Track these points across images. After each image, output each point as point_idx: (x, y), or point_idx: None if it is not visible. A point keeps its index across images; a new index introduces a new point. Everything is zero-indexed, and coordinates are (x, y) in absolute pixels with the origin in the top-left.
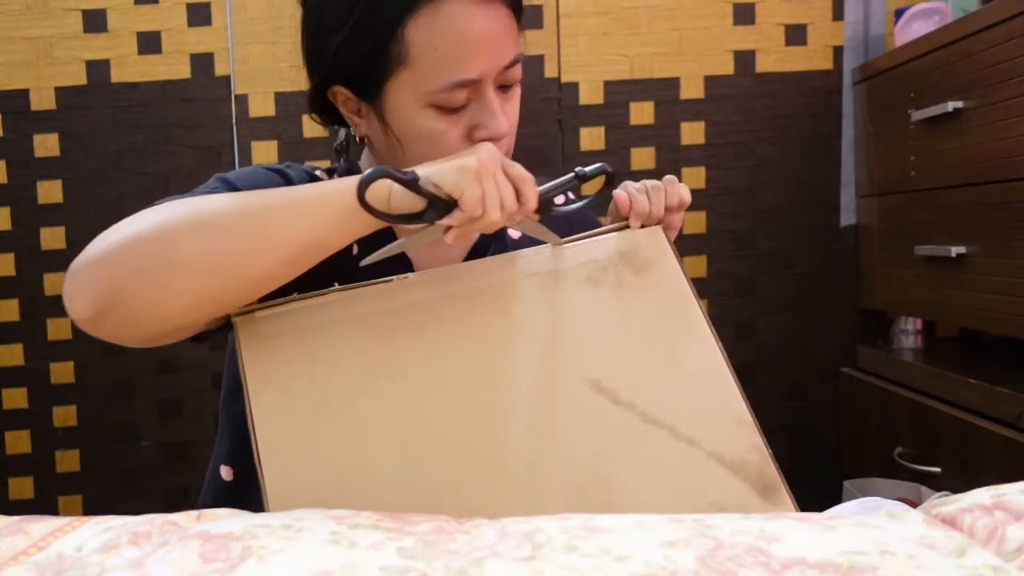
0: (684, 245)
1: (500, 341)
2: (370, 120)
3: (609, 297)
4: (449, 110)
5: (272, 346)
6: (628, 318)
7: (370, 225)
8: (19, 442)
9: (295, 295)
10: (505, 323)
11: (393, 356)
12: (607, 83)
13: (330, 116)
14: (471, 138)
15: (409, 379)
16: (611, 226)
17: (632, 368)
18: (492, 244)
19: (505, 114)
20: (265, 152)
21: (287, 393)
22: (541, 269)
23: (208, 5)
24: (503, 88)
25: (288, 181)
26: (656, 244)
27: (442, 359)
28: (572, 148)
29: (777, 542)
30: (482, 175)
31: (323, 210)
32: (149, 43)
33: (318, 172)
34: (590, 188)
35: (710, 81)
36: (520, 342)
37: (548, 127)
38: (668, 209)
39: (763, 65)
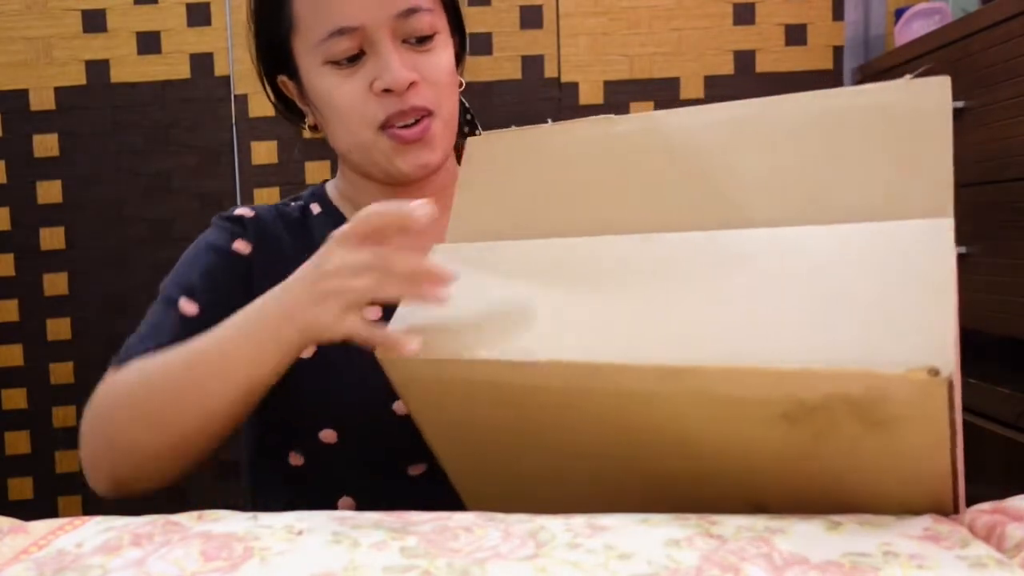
0: None
1: None
2: (306, 100)
3: (799, 451)
4: (341, 64)
5: (426, 388)
6: (812, 489)
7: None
8: (19, 442)
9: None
10: None
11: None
12: (607, 83)
13: (294, 110)
14: (372, 91)
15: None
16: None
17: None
18: None
19: (419, 68)
20: (265, 152)
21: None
22: (720, 389)
23: (208, 5)
24: (417, 41)
25: (235, 231)
26: (928, 398)
27: None
28: None
29: (781, 534)
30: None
31: (263, 354)
32: (148, 43)
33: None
34: None
35: (710, 81)
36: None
37: None
38: None
39: (763, 65)
